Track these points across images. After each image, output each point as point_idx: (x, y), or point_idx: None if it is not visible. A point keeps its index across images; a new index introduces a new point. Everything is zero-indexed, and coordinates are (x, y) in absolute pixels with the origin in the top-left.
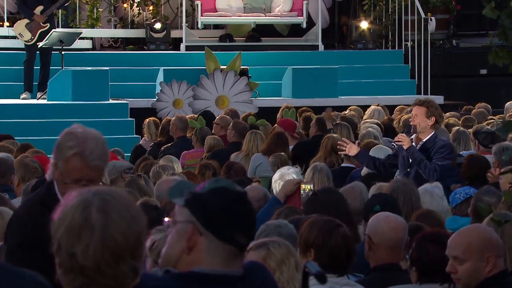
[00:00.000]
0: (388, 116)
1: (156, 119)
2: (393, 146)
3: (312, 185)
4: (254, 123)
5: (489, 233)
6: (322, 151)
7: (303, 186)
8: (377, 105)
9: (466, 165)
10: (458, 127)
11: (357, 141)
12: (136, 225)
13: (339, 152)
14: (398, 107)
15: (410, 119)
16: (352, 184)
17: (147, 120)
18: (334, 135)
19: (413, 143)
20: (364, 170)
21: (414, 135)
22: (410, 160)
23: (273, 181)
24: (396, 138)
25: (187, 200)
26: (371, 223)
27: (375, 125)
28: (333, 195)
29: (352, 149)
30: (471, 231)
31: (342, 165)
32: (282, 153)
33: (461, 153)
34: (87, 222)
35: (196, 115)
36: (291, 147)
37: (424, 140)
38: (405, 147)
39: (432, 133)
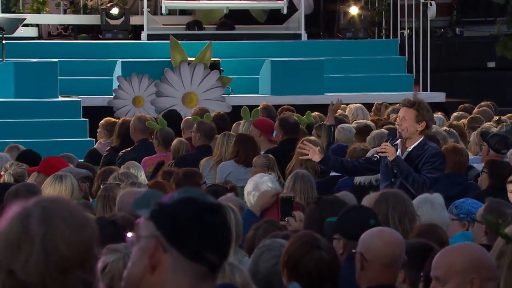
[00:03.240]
0: (379, 115)
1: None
2: (376, 158)
3: (292, 196)
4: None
5: (477, 253)
6: (297, 156)
7: (282, 197)
8: (356, 103)
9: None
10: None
11: (318, 147)
12: (83, 233)
13: (300, 157)
14: (377, 104)
15: (396, 122)
16: (341, 194)
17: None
18: (311, 137)
19: (399, 150)
20: (356, 180)
21: (399, 140)
22: (395, 170)
23: (245, 192)
24: (379, 149)
25: (152, 212)
26: (363, 239)
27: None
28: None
29: (314, 155)
30: (456, 250)
31: (330, 174)
32: (270, 156)
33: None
34: (26, 234)
35: (158, 115)
36: (262, 153)
37: (411, 148)
38: (390, 159)
39: (421, 139)
